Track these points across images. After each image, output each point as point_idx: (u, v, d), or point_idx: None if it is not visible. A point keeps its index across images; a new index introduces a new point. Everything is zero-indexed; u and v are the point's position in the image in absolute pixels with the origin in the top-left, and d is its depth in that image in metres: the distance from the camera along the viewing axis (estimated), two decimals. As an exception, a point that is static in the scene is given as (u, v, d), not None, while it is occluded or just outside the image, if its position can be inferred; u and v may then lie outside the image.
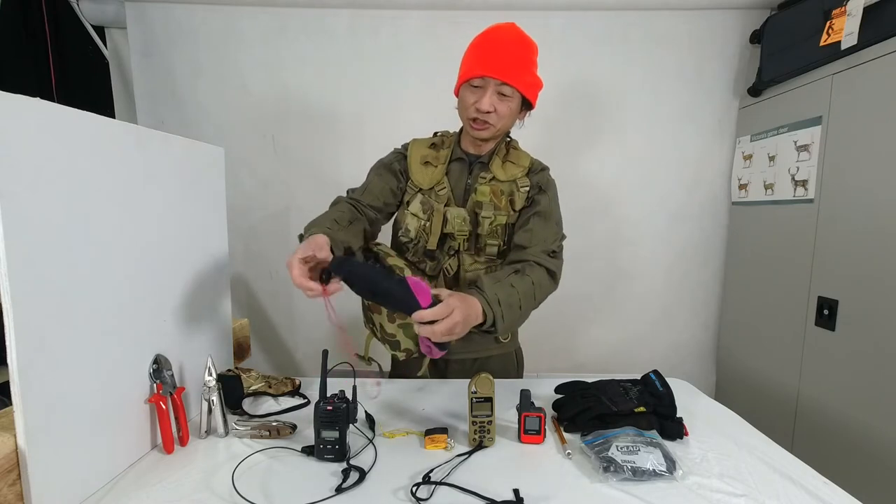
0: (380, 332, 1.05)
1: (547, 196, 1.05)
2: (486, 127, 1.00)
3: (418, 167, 1.08)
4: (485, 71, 0.95)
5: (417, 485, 0.71)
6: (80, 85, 1.87)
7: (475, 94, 0.98)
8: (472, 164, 1.08)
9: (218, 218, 1.08)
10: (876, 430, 1.25)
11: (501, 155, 1.07)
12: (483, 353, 1.14)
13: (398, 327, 1.01)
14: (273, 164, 1.85)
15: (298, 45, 1.77)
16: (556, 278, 1.01)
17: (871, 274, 1.26)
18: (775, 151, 1.62)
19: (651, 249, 1.89)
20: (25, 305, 0.60)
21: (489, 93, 0.96)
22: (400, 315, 0.99)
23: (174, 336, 0.91)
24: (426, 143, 1.11)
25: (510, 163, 1.06)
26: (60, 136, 0.66)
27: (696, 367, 1.98)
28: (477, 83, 0.98)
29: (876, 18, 1.22)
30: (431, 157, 1.08)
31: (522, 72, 0.98)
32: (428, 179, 1.06)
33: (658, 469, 0.74)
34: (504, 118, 1.00)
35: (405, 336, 1.01)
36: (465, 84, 1.00)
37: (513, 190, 1.04)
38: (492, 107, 0.97)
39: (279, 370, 1.94)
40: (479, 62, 0.97)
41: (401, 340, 1.02)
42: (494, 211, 1.02)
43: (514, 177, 1.05)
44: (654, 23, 1.75)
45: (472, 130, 1.03)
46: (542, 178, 1.08)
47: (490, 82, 0.96)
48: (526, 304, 0.93)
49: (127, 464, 0.79)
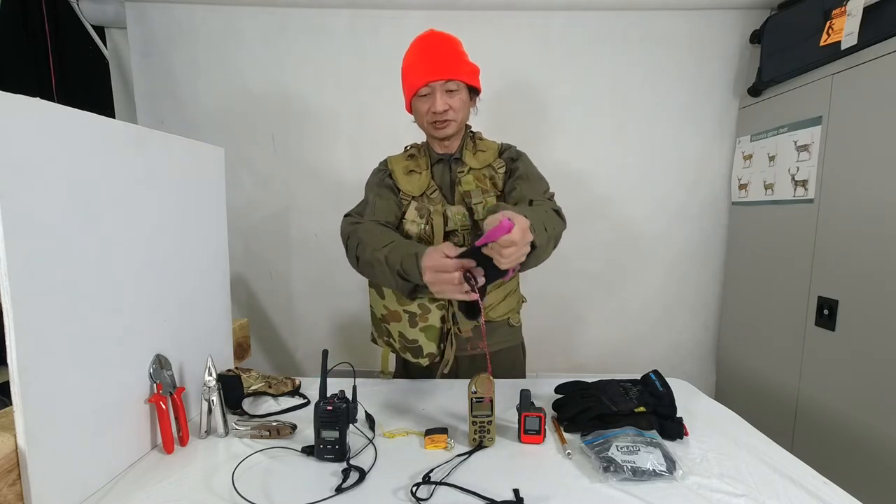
0: (399, 341, 1.08)
1: (521, 161, 1.12)
2: (447, 124, 1.06)
3: (404, 178, 1.13)
4: (427, 77, 1.02)
5: (417, 485, 0.71)
6: (80, 85, 1.87)
7: (426, 101, 1.05)
8: (450, 161, 1.13)
9: (218, 218, 1.08)
10: (876, 430, 1.25)
11: (470, 147, 1.13)
12: (497, 345, 1.17)
13: (420, 332, 1.04)
14: (273, 164, 1.85)
15: (298, 45, 1.77)
16: (562, 216, 1.04)
17: (871, 274, 1.26)
18: (775, 151, 1.62)
19: (651, 249, 1.89)
20: (25, 305, 0.60)
21: (439, 94, 1.03)
22: (422, 318, 1.03)
23: (174, 336, 0.91)
24: (403, 156, 1.17)
25: (480, 151, 1.13)
26: (60, 136, 0.66)
27: (696, 367, 1.98)
28: (424, 91, 1.05)
29: (876, 18, 1.22)
30: (413, 166, 1.13)
31: (458, 64, 1.05)
32: (417, 186, 1.11)
33: (658, 469, 0.74)
34: (459, 111, 1.06)
35: (427, 339, 1.05)
36: (414, 97, 1.07)
37: (492, 174, 1.10)
38: (446, 105, 1.03)
39: (279, 370, 1.94)
40: (419, 72, 1.04)
41: (423, 346, 1.05)
42: (483, 195, 1.08)
43: (487, 162, 1.11)
44: (654, 23, 1.75)
45: (436, 132, 1.08)
46: (512, 152, 1.14)
47: (436, 86, 1.03)
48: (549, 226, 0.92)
49: (127, 464, 0.79)
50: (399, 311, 1.05)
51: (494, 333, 1.16)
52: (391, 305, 1.06)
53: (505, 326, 1.18)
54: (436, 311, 1.04)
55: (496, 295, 1.13)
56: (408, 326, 1.05)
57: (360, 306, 1.53)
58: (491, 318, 1.13)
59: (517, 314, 1.21)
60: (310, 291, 1.92)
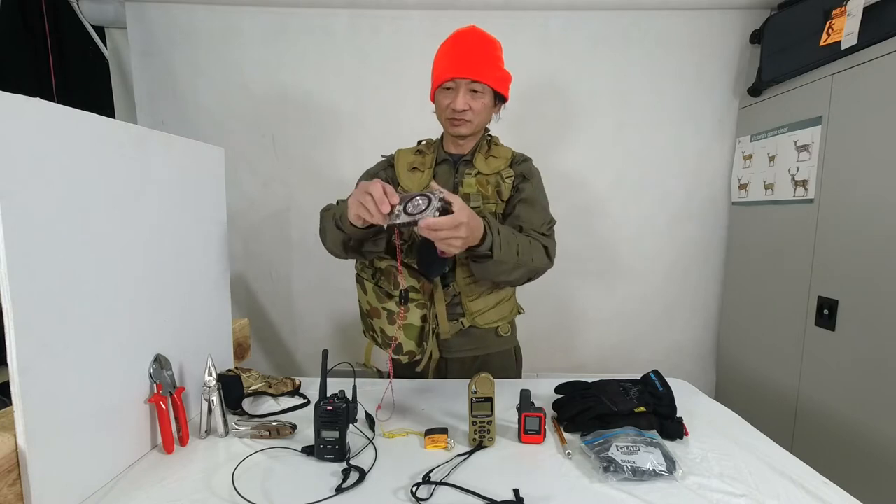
0: (380, 336, 1.07)
1: (530, 184, 1.09)
2: (462, 123, 1.04)
3: (406, 173, 1.10)
4: (454, 73, 1.01)
5: (417, 485, 0.71)
6: (80, 85, 1.87)
7: (449, 96, 1.03)
8: (457, 162, 1.11)
9: (218, 218, 1.08)
10: (876, 430, 1.25)
11: (483, 151, 1.10)
12: (483, 350, 1.15)
13: (399, 329, 1.02)
14: (273, 164, 1.85)
15: (298, 45, 1.77)
16: (550, 254, 1.04)
17: (871, 274, 1.26)
18: (775, 151, 1.62)
19: (651, 249, 1.89)
20: (25, 305, 0.60)
21: (462, 92, 1.01)
22: (401, 317, 1.01)
23: (174, 336, 0.91)
24: (411, 151, 1.15)
25: (493, 157, 1.10)
26: (60, 136, 0.66)
27: (696, 367, 1.98)
28: (449, 85, 1.03)
29: (876, 18, 1.22)
30: (418, 163, 1.11)
31: (490, 68, 1.03)
32: (417, 184, 1.09)
33: (658, 469, 0.74)
34: (479, 114, 1.04)
35: (406, 338, 1.04)
36: (438, 89, 1.05)
37: (498, 181, 1.08)
38: (466, 105, 1.02)
39: (279, 370, 1.94)
40: (448, 66, 1.02)
41: (403, 343, 1.04)
42: (482, 201, 1.06)
43: (497, 169, 1.08)
44: (654, 23, 1.75)
45: (451, 129, 1.07)
46: (526, 167, 1.11)
47: (461, 83, 1.01)
48: (523, 252, 0.95)
49: (127, 464, 0.79)
50: (378, 308, 1.05)
51: (480, 339, 1.13)
52: (372, 301, 1.06)
53: (492, 335, 1.14)
54: (415, 310, 1.03)
55: (487, 300, 1.10)
56: (387, 323, 1.04)
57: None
58: (478, 324, 1.10)
59: (508, 325, 1.16)
60: (310, 291, 1.92)
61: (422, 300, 1.03)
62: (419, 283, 1.03)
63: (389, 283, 1.03)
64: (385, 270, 1.04)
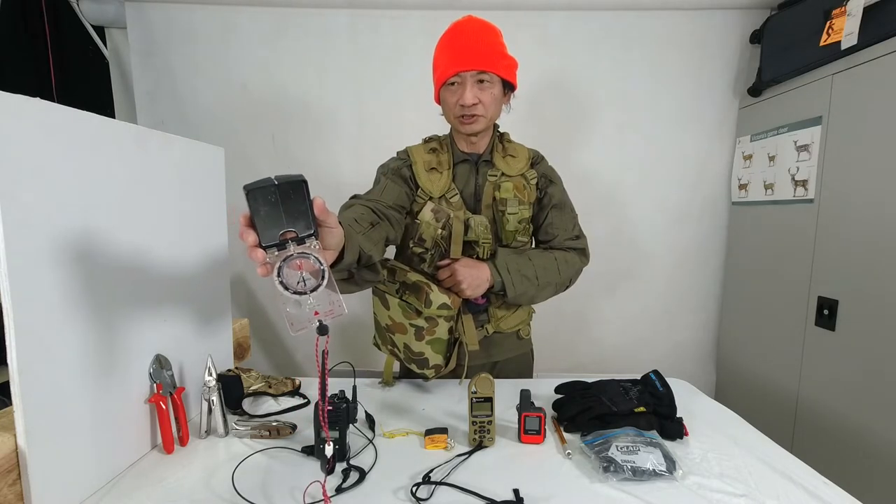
0: (404, 352, 1.04)
1: (557, 187, 1.09)
2: (475, 119, 0.98)
3: (425, 174, 1.04)
4: (458, 66, 0.95)
5: (417, 485, 0.71)
6: (80, 85, 1.87)
7: (455, 92, 0.97)
8: (477, 163, 1.06)
9: (218, 218, 1.08)
10: (876, 430, 1.25)
11: (500, 150, 1.07)
12: (501, 356, 1.15)
13: (426, 344, 0.99)
14: (273, 164, 1.85)
15: (298, 45, 1.77)
16: (586, 254, 1.08)
17: (871, 274, 1.26)
18: (775, 151, 1.62)
19: (651, 249, 1.89)
20: (25, 305, 0.60)
21: (469, 86, 0.95)
22: (429, 331, 0.98)
23: (174, 336, 0.91)
24: (425, 148, 1.08)
25: (510, 156, 1.07)
26: (60, 136, 0.66)
27: (696, 367, 1.98)
28: (454, 81, 0.97)
29: (876, 18, 1.22)
30: (435, 163, 1.05)
31: (495, 56, 0.97)
32: (438, 187, 1.03)
33: (658, 469, 0.74)
34: (490, 106, 0.98)
35: (433, 352, 1.00)
36: (443, 87, 1.00)
37: (524, 184, 1.05)
38: (475, 98, 0.96)
39: (279, 370, 1.94)
40: (450, 60, 0.96)
41: (429, 357, 1.01)
42: (519, 206, 1.02)
43: (520, 170, 1.06)
44: (654, 23, 1.75)
45: (462, 127, 1.01)
46: (546, 167, 1.11)
47: (466, 76, 0.95)
48: (544, 276, 0.97)
49: (127, 464, 0.79)
50: (405, 324, 1.00)
51: (503, 344, 1.14)
52: (396, 317, 1.01)
53: (513, 338, 1.15)
54: (443, 324, 0.98)
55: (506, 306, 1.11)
56: (413, 339, 0.99)
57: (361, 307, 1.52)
58: (501, 329, 1.11)
59: (527, 326, 1.18)
60: (310, 291, 1.92)
61: (451, 313, 0.98)
62: (450, 299, 0.97)
63: (420, 300, 0.96)
64: (414, 286, 0.97)
